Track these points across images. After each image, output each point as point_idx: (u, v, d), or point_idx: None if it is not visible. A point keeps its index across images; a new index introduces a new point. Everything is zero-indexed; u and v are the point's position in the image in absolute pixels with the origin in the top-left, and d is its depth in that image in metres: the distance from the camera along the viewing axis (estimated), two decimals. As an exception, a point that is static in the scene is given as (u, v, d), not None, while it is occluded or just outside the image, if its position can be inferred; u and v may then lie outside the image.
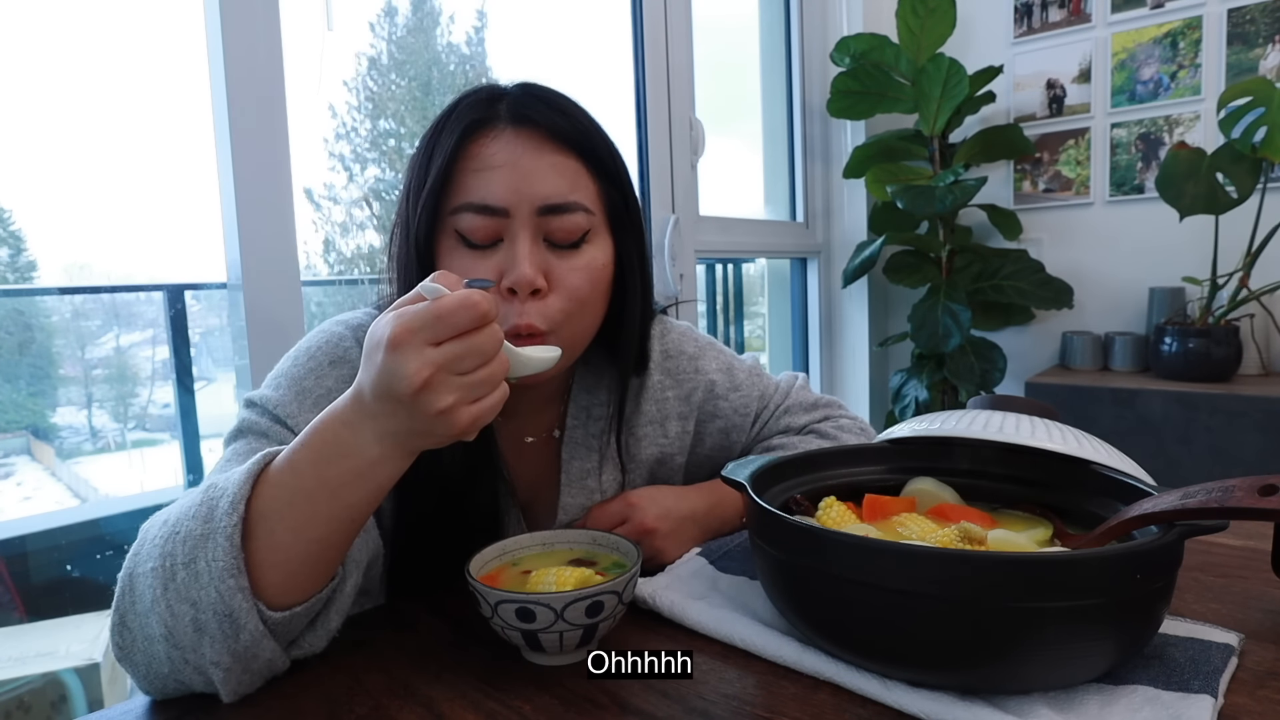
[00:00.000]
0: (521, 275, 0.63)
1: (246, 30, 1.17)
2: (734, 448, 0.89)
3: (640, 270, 0.75)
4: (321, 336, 0.72)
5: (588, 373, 0.81)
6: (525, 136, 0.66)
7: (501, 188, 0.64)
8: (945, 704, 0.46)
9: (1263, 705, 0.47)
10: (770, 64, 2.45)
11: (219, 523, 0.49)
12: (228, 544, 0.48)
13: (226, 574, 0.48)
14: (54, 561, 1.61)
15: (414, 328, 0.46)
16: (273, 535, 0.50)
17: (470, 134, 0.66)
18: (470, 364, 0.47)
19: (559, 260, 0.67)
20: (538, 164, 0.65)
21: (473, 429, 0.49)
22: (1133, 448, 0.69)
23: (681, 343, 0.86)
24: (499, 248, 0.65)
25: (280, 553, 0.50)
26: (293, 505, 0.50)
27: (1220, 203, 1.77)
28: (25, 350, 1.55)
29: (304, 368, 0.69)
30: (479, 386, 0.48)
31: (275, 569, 0.50)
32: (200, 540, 0.49)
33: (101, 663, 1.33)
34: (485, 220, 0.64)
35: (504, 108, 0.67)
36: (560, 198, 0.66)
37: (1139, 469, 0.61)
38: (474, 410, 0.48)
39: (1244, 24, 1.94)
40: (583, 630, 0.53)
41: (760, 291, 2.68)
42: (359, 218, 1.74)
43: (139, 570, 0.52)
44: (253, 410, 0.67)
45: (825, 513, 0.62)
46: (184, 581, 0.49)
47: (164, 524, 0.52)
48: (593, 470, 0.80)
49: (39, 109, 1.36)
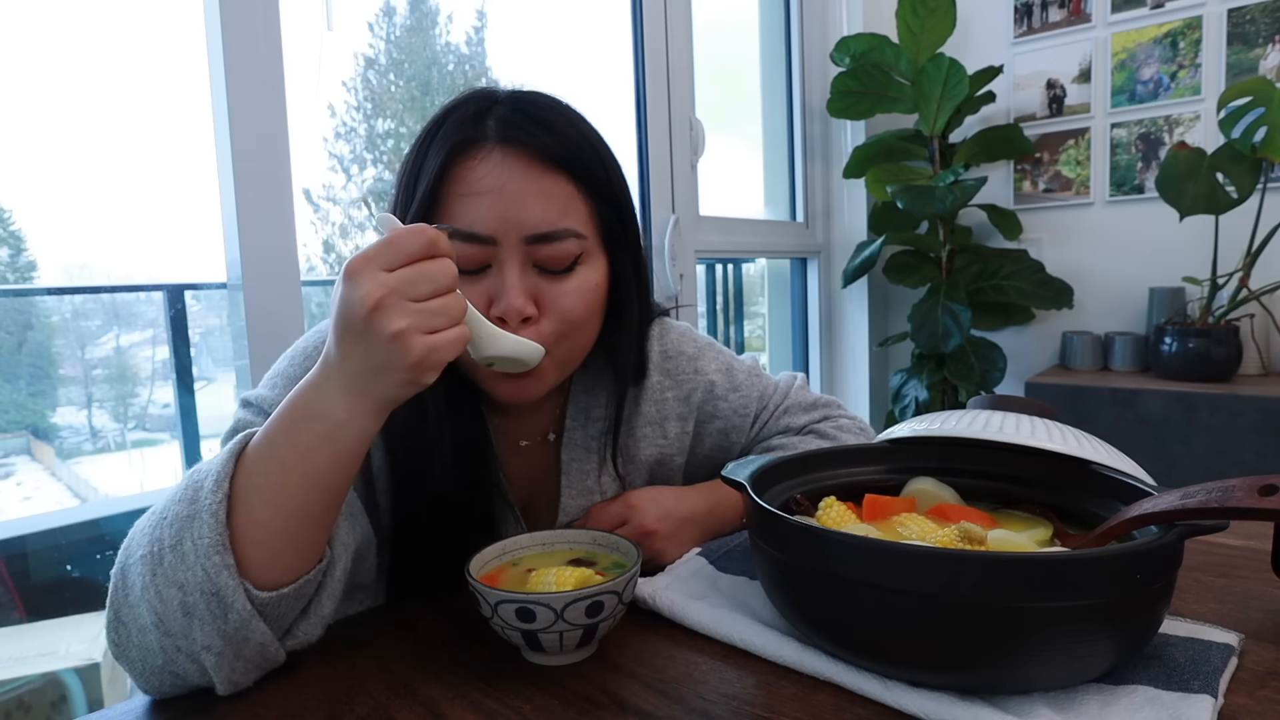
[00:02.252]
0: (510, 305, 0.62)
1: (246, 30, 1.16)
2: (733, 448, 0.89)
3: (637, 284, 0.74)
4: (315, 336, 0.72)
5: (586, 374, 0.80)
6: (513, 158, 0.63)
7: (488, 216, 0.62)
8: (945, 704, 0.46)
9: (1262, 705, 0.47)
10: (770, 64, 2.45)
11: (204, 502, 0.50)
12: (212, 520, 0.49)
13: (212, 550, 0.49)
14: (54, 561, 1.61)
15: (369, 255, 0.48)
16: (252, 511, 0.51)
17: (456, 155, 0.64)
18: (423, 289, 0.48)
19: (549, 285, 0.65)
20: (525, 189, 0.63)
21: (429, 362, 0.49)
22: (1133, 448, 0.69)
23: (681, 343, 0.86)
24: (487, 273, 0.64)
25: (260, 528, 0.51)
26: (267, 475, 0.51)
27: (1220, 203, 1.77)
28: (25, 350, 1.55)
29: (299, 366, 0.69)
30: (433, 315, 0.48)
31: (258, 546, 0.51)
32: (186, 521, 0.50)
33: (101, 663, 1.33)
34: (472, 249, 0.63)
35: (492, 125, 0.64)
36: (549, 226, 0.64)
37: (1139, 469, 0.61)
38: (429, 340, 0.48)
39: (1244, 24, 1.94)
40: (583, 630, 0.53)
41: (760, 291, 2.68)
42: (358, 218, 1.74)
43: (129, 561, 0.53)
44: (248, 410, 0.68)
45: (825, 513, 0.62)
46: (171, 565, 0.50)
47: (151, 514, 0.54)
48: (592, 471, 0.80)
49: (39, 109, 1.36)
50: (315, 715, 0.51)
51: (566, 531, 0.66)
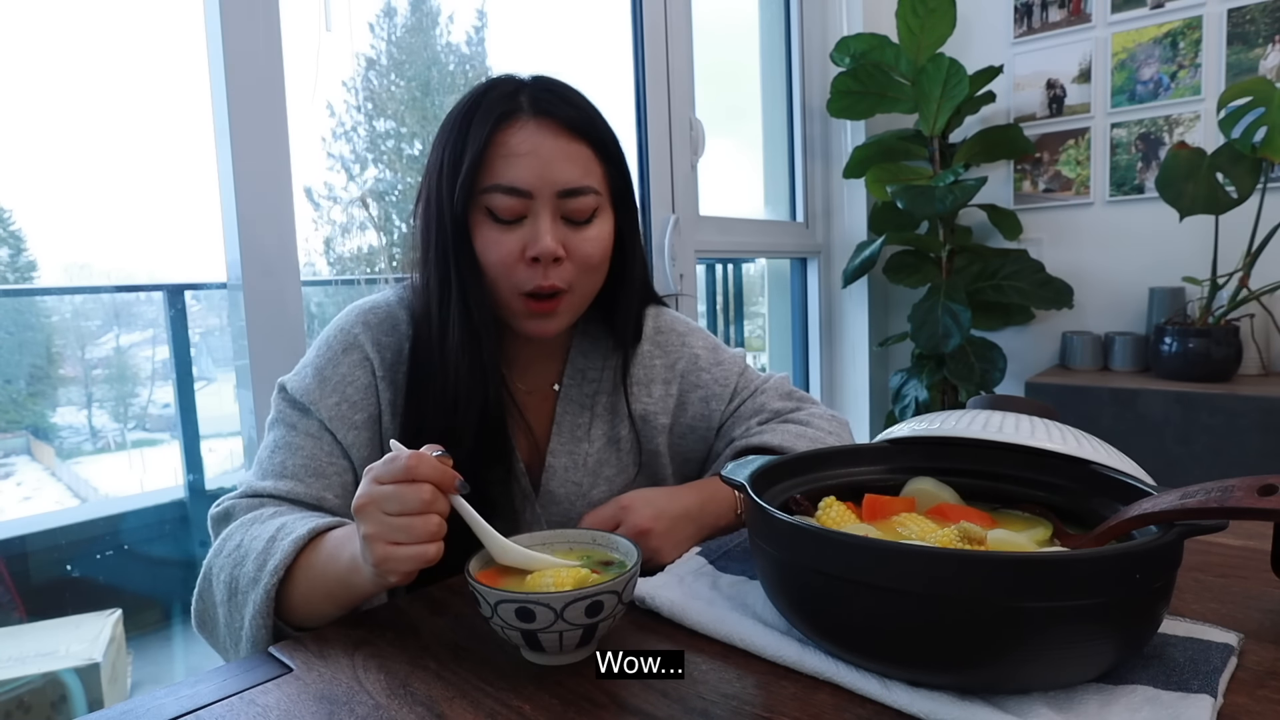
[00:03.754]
0: (545, 247, 0.75)
1: (246, 30, 1.17)
2: (713, 417, 0.95)
3: (636, 235, 0.86)
4: (335, 326, 0.83)
5: (585, 339, 0.91)
6: (545, 127, 0.76)
7: (527, 173, 0.75)
8: (945, 704, 0.46)
9: (1262, 705, 0.47)
10: (770, 64, 2.45)
11: (266, 579, 0.64)
12: (265, 598, 0.64)
13: (259, 616, 0.64)
14: (54, 561, 1.61)
15: (373, 467, 0.58)
16: (300, 595, 0.65)
17: (500, 124, 0.76)
18: (392, 507, 0.56)
19: (573, 233, 0.78)
20: (556, 152, 0.76)
21: (387, 567, 0.57)
22: (1133, 448, 0.69)
23: (673, 323, 0.97)
24: (524, 223, 0.76)
25: (301, 608, 0.66)
26: (309, 597, 0.65)
27: (1220, 203, 1.77)
28: (25, 350, 1.55)
29: (324, 357, 0.80)
30: (395, 530, 0.56)
31: (297, 612, 0.66)
32: (252, 583, 0.65)
33: (101, 663, 1.33)
34: (513, 200, 0.75)
35: (525, 100, 0.77)
36: (576, 182, 0.77)
37: (1139, 469, 0.61)
38: (388, 550, 0.56)
39: (1244, 24, 1.94)
40: (582, 630, 0.53)
41: (760, 291, 2.68)
42: (359, 218, 1.74)
43: (215, 569, 0.70)
44: (282, 397, 0.80)
45: (825, 513, 0.62)
46: (238, 603, 0.66)
47: (237, 547, 0.68)
48: (583, 424, 0.90)
49: (39, 109, 1.36)
50: (315, 715, 0.51)
51: (566, 531, 0.66)
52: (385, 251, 1.75)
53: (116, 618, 1.47)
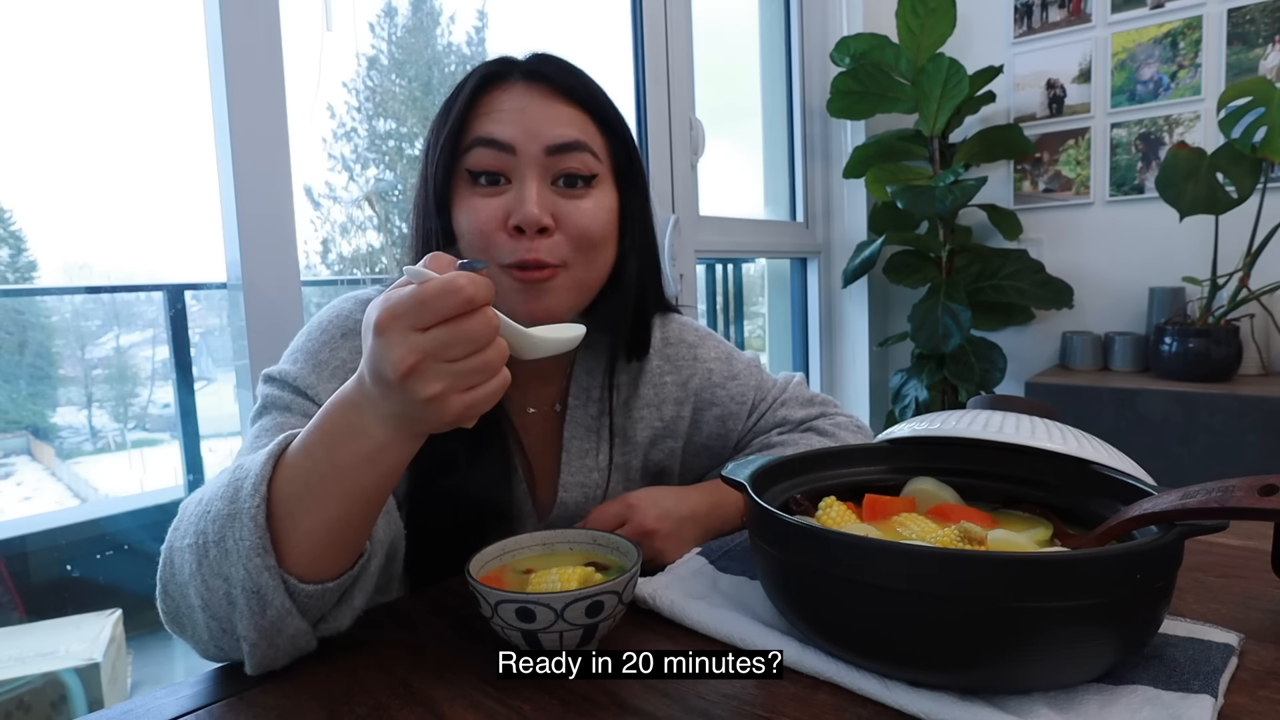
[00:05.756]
0: (528, 214, 0.66)
1: (246, 30, 1.16)
2: (730, 436, 0.90)
3: (643, 223, 0.77)
4: (331, 311, 0.75)
5: (589, 356, 0.83)
6: (536, 89, 0.70)
7: (511, 127, 0.68)
8: (945, 704, 0.46)
9: (1262, 705, 0.47)
10: (770, 64, 2.45)
11: (243, 504, 0.50)
12: (252, 524, 0.50)
13: (253, 553, 0.50)
14: (54, 561, 1.61)
15: (397, 313, 0.45)
16: (293, 516, 0.51)
17: (485, 86, 0.70)
18: (459, 351, 0.46)
19: (566, 201, 0.70)
20: (546, 113, 0.69)
21: (468, 416, 0.48)
22: (1133, 448, 0.69)
23: (682, 332, 0.89)
24: (508, 188, 0.68)
25: (301, 533, 0.51)
26: (309, 487, 0.51)
27: (1220, 203, 1.77)
28: (25, 350, 1.55)
29: (318, 341, 0.72)
30: (471, 375, 0.47)
31: (299, 547, 0.52)
32: (228, 520, 0.51)
33: (101, 663, 1.33)
34: (494, 154, 0.68)
35: (518, 65, 0.72)
36: (568, 138, 0.69)
37: (1139, 469, 0.61)
38: (466, 398, 0.47)
39: (1244, 24, 1.94)
40: (583, 630, 0.53)
41: (760, 291, 2.68)
42: (359, 218, 1.74)
43: (176, 544, 0.54)
44: (272, 385, 0.70)
45: (825, 513, 0.62)
46: (215, 559, 0.51)
47: (198, 502, 0.54)
48: (591, 450, 0.83)
49: (39, 109, 1.36)
50: (315, 715, 0.51)
51: (566, 531, 0.66)
52: (386, 251, 1.75)
53: (116, 618, 1.47)
